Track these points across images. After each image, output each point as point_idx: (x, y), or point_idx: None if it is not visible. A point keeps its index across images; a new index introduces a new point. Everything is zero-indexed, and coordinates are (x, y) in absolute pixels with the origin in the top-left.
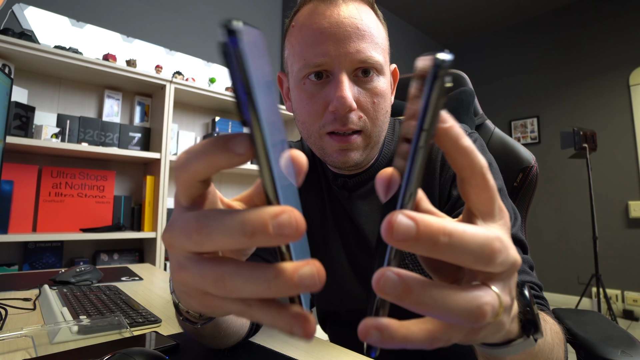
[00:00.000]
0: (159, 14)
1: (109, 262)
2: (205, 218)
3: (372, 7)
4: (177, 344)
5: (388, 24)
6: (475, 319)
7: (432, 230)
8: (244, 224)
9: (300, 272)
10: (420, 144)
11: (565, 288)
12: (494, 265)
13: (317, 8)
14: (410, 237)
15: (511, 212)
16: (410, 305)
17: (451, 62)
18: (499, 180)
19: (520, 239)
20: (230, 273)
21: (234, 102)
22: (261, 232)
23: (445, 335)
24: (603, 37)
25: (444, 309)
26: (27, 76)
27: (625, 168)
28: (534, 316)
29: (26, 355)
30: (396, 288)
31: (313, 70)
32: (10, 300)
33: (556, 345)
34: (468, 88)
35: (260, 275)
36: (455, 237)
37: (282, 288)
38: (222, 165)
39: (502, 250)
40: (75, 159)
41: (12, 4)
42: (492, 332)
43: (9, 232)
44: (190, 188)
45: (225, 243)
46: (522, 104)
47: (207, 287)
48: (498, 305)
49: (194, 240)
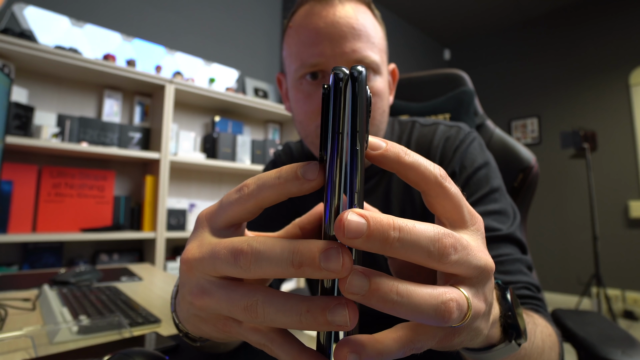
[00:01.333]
0: (159, 13)
1: (108, 262)
2: (256, 243)
3: (369, 7)
4: (177, 344)
5: (388, 23)
6: (441, 316)
7: (383, 225)
8: (293, 253)
9: (332, 309)
10: (357, 146)
11: (565, 288)
12: (449, 263)
13: (313, 8)
14: (362, 233)
15: (510, 210)
16: (377, 304)
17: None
18: (497, 180)
19: (518, 238)
20: (264, 301)
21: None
22: (309, 264)
23: (418, 342)
24: (603, 37)
25: (409, 306)
26: (27, 76)
27: (625, 168)
28: (516, 320)
29: (26, 356)
30: (363, 287)
31: (309, 71)
32: (10, 300)
33: (547, 348)
34: (468, 88)
35: (292, 306)
36: (405, 232)
37: (312, 323)
38: (293, 191)
39: (455, 247)
40: (75, 159)
41: (12, 3)
42: (468, 337)
43: (9, 232)
44: (250, 214)
45: (271, 271)
46: (522, 104)
47: (236, 314)
48: (465, 306)
49: (241, 264)
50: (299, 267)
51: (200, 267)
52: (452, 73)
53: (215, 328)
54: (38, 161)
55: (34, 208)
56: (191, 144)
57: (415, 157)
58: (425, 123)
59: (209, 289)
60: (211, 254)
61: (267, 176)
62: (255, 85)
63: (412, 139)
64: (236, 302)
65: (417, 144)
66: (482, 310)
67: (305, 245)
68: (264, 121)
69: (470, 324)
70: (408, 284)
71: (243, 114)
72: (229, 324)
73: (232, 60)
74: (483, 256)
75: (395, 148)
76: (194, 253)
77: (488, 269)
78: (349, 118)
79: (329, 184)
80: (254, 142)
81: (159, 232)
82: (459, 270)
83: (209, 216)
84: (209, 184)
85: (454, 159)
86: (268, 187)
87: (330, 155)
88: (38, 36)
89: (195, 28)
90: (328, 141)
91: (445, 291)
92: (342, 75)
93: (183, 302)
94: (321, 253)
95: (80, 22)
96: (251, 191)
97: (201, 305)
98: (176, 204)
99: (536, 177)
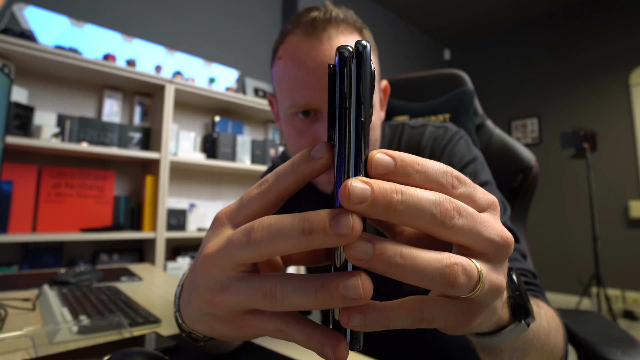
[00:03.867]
0: (159, 13)
1: (108, 262)
2: (267, 219)
3: (360, 32)
4: (177, 344)
5: (388, 24)
6: (446, 279)
7: (386, 190)
8: (304, 221)
9: (345, 282)
10: (362, 118)
11: (565, 288)
12: (454, 228)
13: (302, 46)
14: (366, 199)
15: (500, 203)
16: (382, 268)
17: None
18: (485, 174)
19: (510, 227)
20: (282, 284)
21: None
22: (319, 229)
23: (428, 313)
24: (603, 37)
25: (413, 269)
26: (27, 76)
27: (625, 168)
28: (523, 300)
29: (26, 356)
30: (367, 252)
31: (301, 110)
32: (10, 300)
33: (552, 330)
34: (468, 88)
35: (308, 284)
36: (407, 195)
37: (328, 299)
38: (307, 174)
39: (459, 211)
40: (75, 159)
41: (12, 3)
42: (486, 319)
43: (9, 232)
44: (272, 205)
45: (283, 243)
46: (522, 104)
47: (256, 302)
48: (475, 274)
49: (253, 241)
50: (309, 233)
51: (219, 261)
52: (452, 73)
53: (231, 326)
54: (38, 161)
55: (34, 208)
56: (191, 144)
57: (404, 155)
58: (414, 125)
59: (228, 285)
60: (227, 243)
61: (282, 167)
62: (255, 85)
63: (402, 142)
64: (256, 289)
65: (407, 145)
66: (503, 286)
67: (315, 213)
68: (264, 121)
69: (490, 302)
70: (412, 248)
71: (243, 114)
72: (246, 319)
73: (232, 60)
74: (499, 231)
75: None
76: (213, 248)
77: (505, 245)
78: (355, 91)
79: (337, 157)
80: (254, 142)
81: (159, 232)
82: (469, 240)
83: (229, 214)
84: (209, 184)
85: (442, 157)
86: (285, 175)
87: (338, 130)
88: (38, 36)
89: (195, 28)
90: (336, 118)
91: (450, 256)
92: (347, 54)
93: (196, 301)
94: (331, 218)
95: (80, 22)
96: (271, 184)
97: (221, 301)
98: (176, 204)
99: (536, 177)
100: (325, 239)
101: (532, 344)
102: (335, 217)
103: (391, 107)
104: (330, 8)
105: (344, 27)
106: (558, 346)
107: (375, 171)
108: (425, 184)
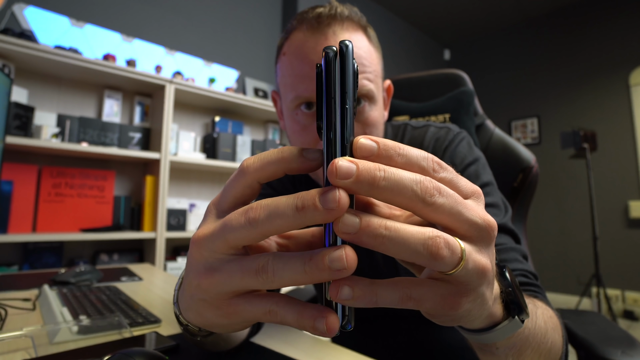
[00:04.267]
0: (159, 14)
1: (109, 262)
2: (264, 200)
3: (364, 31)
4: (177, 344)
5: (388, 24)
6: (429, 251)
7: (370, 167)
8: (296, 198)
9: (330, 255)
10: (346, 105)
11: (565, 288)
12: (435, 205)
13: (308, 40)
14: (352, 175)
15: (501, 204)
16: (368, 240)
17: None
18: (487, 175)
19: (511, 228)
20: (273, 259)
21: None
22: (310, 204)
23: (416, 291)
24: (603, 37)
25: (397, 240)
26: (27, 76)
27: (625, 168)
28: (516, 296)
29: (26, 356)
30: (354, 225)
31: (304, 101)
32: (10, 300)
33: (550, 329)
34: (468, 88)
35: (297, 259)
36: (389, 172)
37: (315, 271)
38: (293, 167)
39: (439, 190)
40: (75, 159)
41: (12, 3)
42: (475, 306)
43: (9, 232)
44: (251, 189)
45: (279, 221)
46: (522, 104)
47: (249, 280)
48: (457, 249)
49: (251, 219)
50: (302, 209)
51: (210, 244)
52: (452, 73)
53: (219, 312)
54: (38, 161)
55: (34, 208)
56: (191, 144)
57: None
58: (417, 125)
59: (218, 267)
60: (222, 226)
61: (268, 153)
62: (255, 85)
63: (404, 142)
64: (248, 267)
65: (409, 145)
66: (488, 269)
67: (307, 192)
68: (264, 121)
69: (477, 286)
70: (397, 222)
71: (243, 114)
72: (235, 303)
73: (232, 60)
74: (481, 214)
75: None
76: (204, 232)
77: (488, 228)
78: (339, 83)
79: (325, 143)
80: (254, 142)
81: (159, 232)
82: (451, 220)
83: (215, 202)
84: (209, 184)
85: (443, 158)
86: (270, 162)
87: (326, 118)
88: (38, 36)
89: (195, 28)
90: (323, 109)
91: (433, 230)
92: (332, 54)
93: (189, 288)
94: (320, 195)
95: (80, 22)
96: (251, 164)
97: (209, 284)
98: (176, 204)
99: (536, 177)
100: (315, 213)
101: (528, 342)
102: (324, 193)
103: (391, 107)
104: (335, 5)
105: (348, 24)
106: (556, 346)
107: (360, 154)
108: (407, 166)
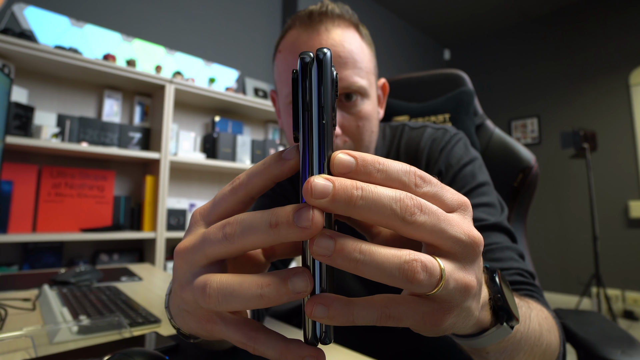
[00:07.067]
0: (159, 13)
1: (108, 262)
2: (241, 215)
3: (357, 28)
4: (177, 344)
5: (388, 24)
6: (405, 275)
7: (347, 186)
8: (271, 215)
9: (297, 212)
10: (323, 120)
11: (565, 288)
12: (415, 224)
13: (301, 36)
14: (327, 194)
15: (497, 203)
16: (342, 263)
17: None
18: (483, 175)
19: (507, 227)
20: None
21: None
22: (284, 221)
23: (394, 309)
24: (603, 37)
25: (372, 264)
26: (27, 76)
27: (625, 168)
28: (505, 302)
29: (26, 356)
30: (329, 247)
31: None
32: (10, 300)
33: (545, 331)
34: (468, 88)
35: (253, 281)
36: (366, 190)
37: (274, 293)
38: (276, 174)
39: (421, 208)
40: (75, 159)
41: (12, 3)
42: (460, 319)
43: (9, 232)
44: (242, 204)
45: (254, 237)
46: (522, 104)
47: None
48: (437, 271)
49: (228, 234)
50: (275, 226)
51: (190, 257)
52: (452, 73)
53: (200, 325)
54: (38, 161)
55: (34, 208)
56: (191, 144)
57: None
58: (414, 126)
59: (193, 279)
60: (202, 239)
61: (255, 166)
62: (255, 85)
63: (401, 143)
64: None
65: (406, 146)
66: (472, 286)
67: (282, 208)
68: (264, 121)
69: (461, 302)
70: (373, 245)
71: (243, 114)
72: (212, 321)
73: (232, 60)
74: (466, 230)
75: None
76: (186, 244)
77: (473, 244)
78: (316, 95)
79: (301, 158)
80: (254, 142)
81: (159, 232)
82: (433, 238)
83: (203, 213)
84: (209, 184)
85: (440, 159)
86: (256, 174)
87: (302, 132)
88: (38, 36)
89: (195, 28)
90: (300, 120)
91: (410, 252)
92: (308, 60)
93: (175, 297)
94: (294, 212)
95: (80, 22)
96: (241, 182)
97: (189, 296)
98: (176, 204)
99: (536, 177)
100: (289, 230)
101: (521, 346)
102: (299, 211)
103: (391, 107)
104: (326, 3)
105: (339, 21)
106: (551, 347)
107: (338, 170)
108: (387, 182)
